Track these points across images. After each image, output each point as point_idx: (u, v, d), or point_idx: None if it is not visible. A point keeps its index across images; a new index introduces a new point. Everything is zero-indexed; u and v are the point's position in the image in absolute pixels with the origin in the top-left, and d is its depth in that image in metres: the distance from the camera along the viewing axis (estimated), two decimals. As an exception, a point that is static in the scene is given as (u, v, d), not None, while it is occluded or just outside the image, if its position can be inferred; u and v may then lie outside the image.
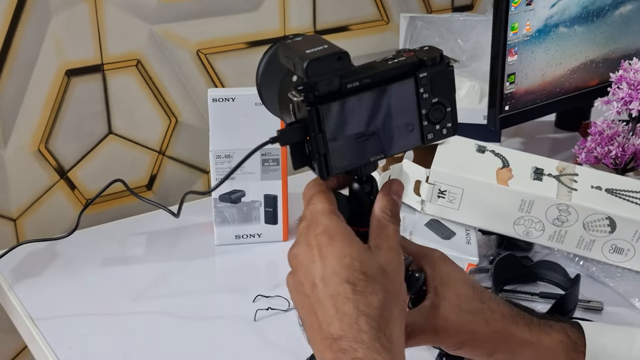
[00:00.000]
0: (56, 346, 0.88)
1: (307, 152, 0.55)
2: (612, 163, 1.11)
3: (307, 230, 0.55)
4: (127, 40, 1.15)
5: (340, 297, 0.52)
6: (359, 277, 0.52)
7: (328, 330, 0.52)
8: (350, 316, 0.51)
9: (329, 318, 0.52)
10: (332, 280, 0.52)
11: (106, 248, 1.08)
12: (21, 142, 1.11)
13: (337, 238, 0.54)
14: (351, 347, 0.50)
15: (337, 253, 0.53)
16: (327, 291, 0.52)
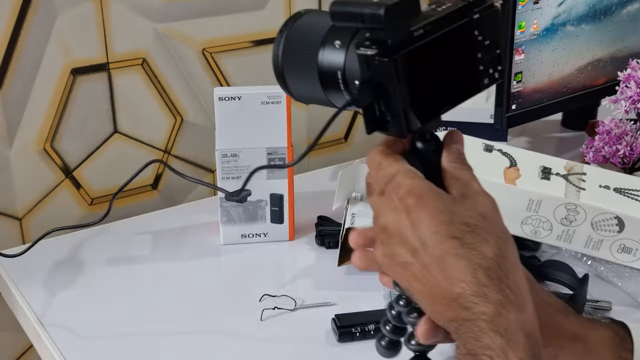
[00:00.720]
0: (62, 346, 0.88)
1: (377, 114, 0.52)
2: (620, 162, 1.11)
3: (386, 198, 0.52)
4: (133, 39, 1.15)
5: (449, 255, 0.49)
6: (463, 229, 0.49)
7: (443, 291, 0.49)
8: (465, 272, 0.48)
9: (441, 280, 0.49)
10: (435, 240, 0.49)
11: (112, 247, 1.08)
12: (26, 141, 1.10)
13: (425, 195, 0.51)
14: (473, 303, 0.48)
15: (430, 211, 0.50)
16: (433, 252, 0.49)
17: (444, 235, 0.49)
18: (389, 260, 0.52)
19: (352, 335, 0.88)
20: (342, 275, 1.01)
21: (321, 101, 0.60)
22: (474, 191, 0.52)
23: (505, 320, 0.48)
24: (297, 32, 0.59)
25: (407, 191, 0.51)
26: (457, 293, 0.48)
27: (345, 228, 1.00)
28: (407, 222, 0.50)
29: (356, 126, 1.43)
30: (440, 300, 0.49)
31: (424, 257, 0.50)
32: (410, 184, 0.51)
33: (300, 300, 0.95)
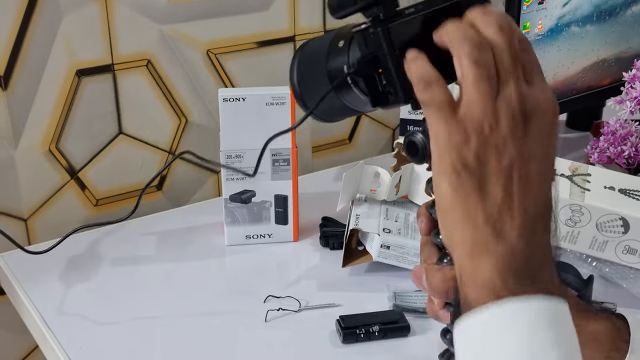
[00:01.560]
0: (67, 346, 0.88)
1: (380, 89, 0.54)
2: (625, 163, 1.11)
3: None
4: (138, 40, 1.15)
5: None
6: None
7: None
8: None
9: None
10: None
11: (117, 248, 1.08)
12: (32, 142, 1.11)
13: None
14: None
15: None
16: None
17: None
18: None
19: (356, 337, 0.88)
20: (346, 276, 1.01)
21: (340, 110, 0.61)
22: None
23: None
24: (307, 53, 0.62)
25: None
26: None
27: (350, 229, 1.00)
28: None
29: (360, 127, 1.43)
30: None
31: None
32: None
33: (304, 302, 0.95)
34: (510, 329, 0.47)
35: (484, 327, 0.48)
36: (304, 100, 0.63)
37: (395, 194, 1.07)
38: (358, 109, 0.61)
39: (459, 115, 0.50)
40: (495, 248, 0.49)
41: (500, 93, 0.50)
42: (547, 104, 0.51)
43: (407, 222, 1.03)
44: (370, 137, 1.44)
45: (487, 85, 0.49)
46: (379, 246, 0.98)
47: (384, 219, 1.02)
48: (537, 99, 0.51)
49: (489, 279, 0.49)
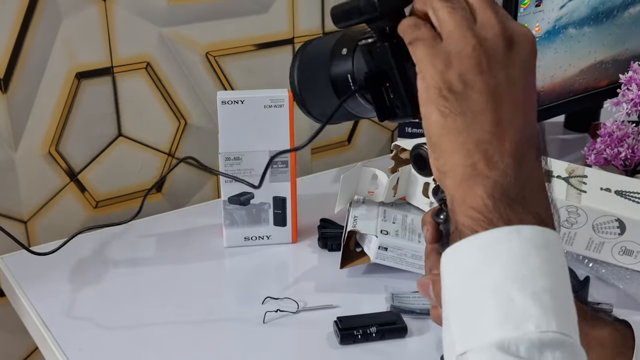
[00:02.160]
0: (67, 348, 0.88)
1: (387, 103, 0.55)
2: (621, 165, 1.11)
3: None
4: (137, 42, 1.16)
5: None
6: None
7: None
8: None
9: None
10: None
11: (116, 250, 1.08)
12: (32, 144, 1.11)
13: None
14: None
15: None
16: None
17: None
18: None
19: (354, 338, 0.88)
20: (344, 277, 1.01)
21: (344, 116, 0.62)
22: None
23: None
24: (308, 56, 0.62)
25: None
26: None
27: (348, 231, 1.00)
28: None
29: (359, 129, 1.43)
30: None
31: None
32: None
33: (302, 303, 0.95)
34: (499, 256, 0.47)
35: (474, 254, 0.48)
36: (304, 104, 0.64)
37: (393, 196, 1.07)
38: (362, 115, 0.61)
39: (442, 44, 0.51)
40: (486, 173, 0.49)
41: (478, 20, 0.51)
42: (526, 35, 0.52)
43: (405, 224, 1.03)
44: (369, 139, 1.45)
45: (461, 14, 0.51)
46: (377, 248, 0.98)
47: (382, 221, 1.02)
48: (517, 28, 0.51)
49: (481, 204, 0.48)
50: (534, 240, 0.47)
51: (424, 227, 0.61)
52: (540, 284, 0.46)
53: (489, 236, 0.48)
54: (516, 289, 0.46)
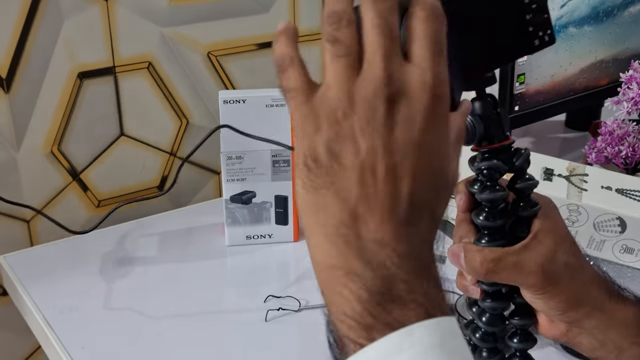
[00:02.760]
0: (70, 346, 0.89)
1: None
2: (622, 163, 1.11)
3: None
4: (139, 42, 1.16)
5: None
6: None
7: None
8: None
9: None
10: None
11: (119, 248, 1.09)
12: (34, 144, 1.12)
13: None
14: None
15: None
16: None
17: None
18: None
19: (355, 336, 0.88)
20: (346, 276, 1.01)
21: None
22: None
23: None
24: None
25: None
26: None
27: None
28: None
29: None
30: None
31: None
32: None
33: (304, 301, 0.96)
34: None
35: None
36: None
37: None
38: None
39: (314, 101, 0.43)
40: (346, 266, 0.41)
41: (361, 74, 0.42)
42: (420, 83, 0.42)
43: (406, 222, 1.03)
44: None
45: (342, 65, 0.42)
46: (378, 246, 0.98)
47: (383, 219, 1.03)
48: (408, 78, 0.42)
49: (350, 309, 0.41)
50: (427, 340, 0.40)
51: (458, 195, 0.59)
52: None
53: (378, 349, 0.39)
54: None
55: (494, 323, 0.61)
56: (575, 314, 0.60)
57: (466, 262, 0.57)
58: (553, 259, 0.58)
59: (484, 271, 0.56)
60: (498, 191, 0.57)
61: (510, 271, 0.57)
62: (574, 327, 0.60)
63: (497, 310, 0.60)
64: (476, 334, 0.62)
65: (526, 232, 0.58)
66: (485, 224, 0.57)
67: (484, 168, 0.57)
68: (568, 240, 0.60)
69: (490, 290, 0.60)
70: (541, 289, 0.58)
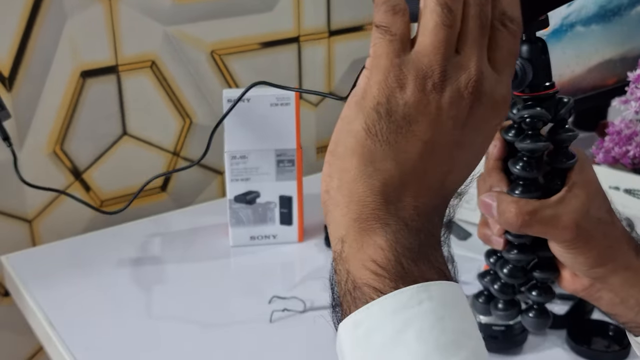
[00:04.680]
0: (73, 347, 0.88)
1: None
2: (630, 163, 1.10)
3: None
4: (142, 41, 1.15)
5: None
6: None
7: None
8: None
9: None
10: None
11: (122, 249, 1.08)
12: (37, 143, 1.11)
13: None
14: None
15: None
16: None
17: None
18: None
19: (361, 337, 0.88)
20: (351, 276, 1.01)
21: None
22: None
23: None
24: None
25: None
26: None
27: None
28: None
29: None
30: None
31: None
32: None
33: (309, 302, 0.95)
34: (413, 322, 0.41)
35: (385, 322, 0.41)
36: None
37: (400, 195, 1.07)
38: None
39: (407, 57, 0.43)
40: (386, 219, 0.43)
41: (458, 58, 0.43)
42: (501, 93, 0.45)
43: (412, 223, 1.03)
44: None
45: (445, 37, 0.43)
46: (384, 247, 0.98)
47: (389, 220, 1.02)
48: (494, 82, 0.44)
49: (382, 257, 0.42)
50: (443, 298, 0.42)
51: (492, 142, 0.56)
52: (463, 353, 0.41)
53: (398, 299, 0.41)
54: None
55: (516, 275, 0.59)
56: (602, 270, 0.59)
57: (499, 212, 0.55)
58: (587, 214, 0.56)
59: (520, 223, 0.54)
60: (540, 141, 0.55)
61: (545, 225, 0.55)
62: (597, 283, 0.59)
63: (521, 262, 0.59)
64: (495, 284, 0.60)
65: (559, 185, 0.56)
66: (522, 174, 0.55)
67: (527, 116, 0.54)
68: (601, 195, 0.59)
69: (516, 242, 0.58)
70: (573, 244, 0.56)
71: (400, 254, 0.42)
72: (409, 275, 0.42)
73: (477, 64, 0.43)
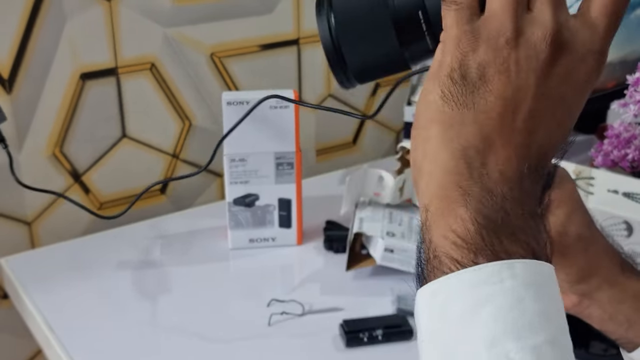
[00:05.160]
0: (72, 350, 0.88)
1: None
2: (629, 167, 1.10)
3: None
4: (142, 43, 1.15)
5: None
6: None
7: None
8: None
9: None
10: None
11: (121, 251, 1.08)
12: (36, 145, 1.11)
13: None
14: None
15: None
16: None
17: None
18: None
19: (359, 341, 0.88)
20: (350, 280, 1.01)
21: (390, 64, 0.52)
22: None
23: None
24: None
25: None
26: None
27: (353, 233, 1.00)
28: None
29: (365, 130, 1.43)
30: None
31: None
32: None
33: (308, 305, 0.95)
34: (491, 299, 0.39)
35: (462, 296, 0.40)
36: (341, 54, 0.53)
37: (399, 198, 1.07)
38: (413, 63, 0.52)
39: (477, 23, 0.43)
40: (468, 187, 0.41)
41: (530, 14, 0.42)
42: (591, 43, 0.43)
43: (411, 226, 1.03)
44: (374, 139, 1.44)
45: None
46: (383, 250, 0.98)
47: (388, 223, 1.02)
48: (580, 33, 0.42)
49: (462, 229, 0.41)
50: (527, 278, 0.40)
51: None
52: (540, 336, 0.39)
53: (478, 274, 0.40)
54: (513, 341, 0.39)
55: None
56: (586, 286, 0.59)
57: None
58: (564, 231, 0.56)
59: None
60: None
61: None
62: (585, 299, 0.59)
63: None
64: None
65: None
66: None
67: None
68: (580, 211, 0.58)
69: None
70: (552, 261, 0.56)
71: (482, 225, 0.40)
72: (490, 248, 0.40)
73: (554, 16, 0.42)
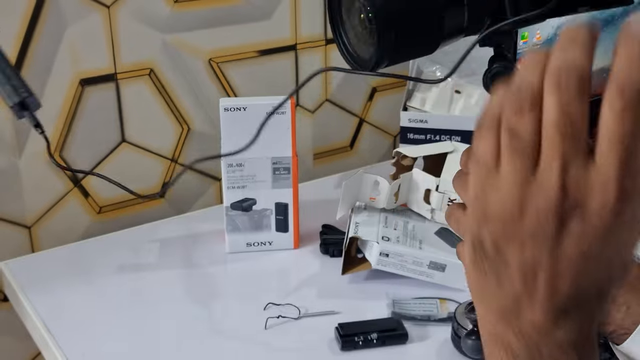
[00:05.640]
0: (70, 353, 0.89)
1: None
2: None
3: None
4: (140, 49, 1.16)
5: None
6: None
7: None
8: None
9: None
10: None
11: (119, 255, 1.09)
12: (36, 150, 1.12)
13: None
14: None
15: None
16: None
17: None
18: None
19: (355, 344, 0.89)
20: (345, 283, 1.02)
21: (425, 32, 0.55)
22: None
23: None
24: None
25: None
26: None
27: (349, 237, 1.01)
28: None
29: (361, 134, 1.44)
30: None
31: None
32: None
33: (304, 309, 0.96)
34: None
35: None
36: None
37: (395, 202, 1.08)
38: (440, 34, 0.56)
39: (487, 186, 0.41)
40: (507, 339, 0.42)
41: (536, 177, 0.38)
42: (601, 199, 0.37)
43: (406, 230, 1.04)
44: (371, 144, 1.45)
45: (517, 163, 0.39)
46: (378, 254, 0.99)
47: (383, 227, 1.03)
48: (588, 190, 0.38)
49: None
50: None
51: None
52: None
53: None
54: None
55: None
56: (624, 299, 0.61)
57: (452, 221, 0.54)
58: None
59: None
60: None
61: None
62: None
63: None
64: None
65: None
66: None
67: None
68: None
69: None
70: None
71: None
72: None
73: (559, 179, 0.38)
